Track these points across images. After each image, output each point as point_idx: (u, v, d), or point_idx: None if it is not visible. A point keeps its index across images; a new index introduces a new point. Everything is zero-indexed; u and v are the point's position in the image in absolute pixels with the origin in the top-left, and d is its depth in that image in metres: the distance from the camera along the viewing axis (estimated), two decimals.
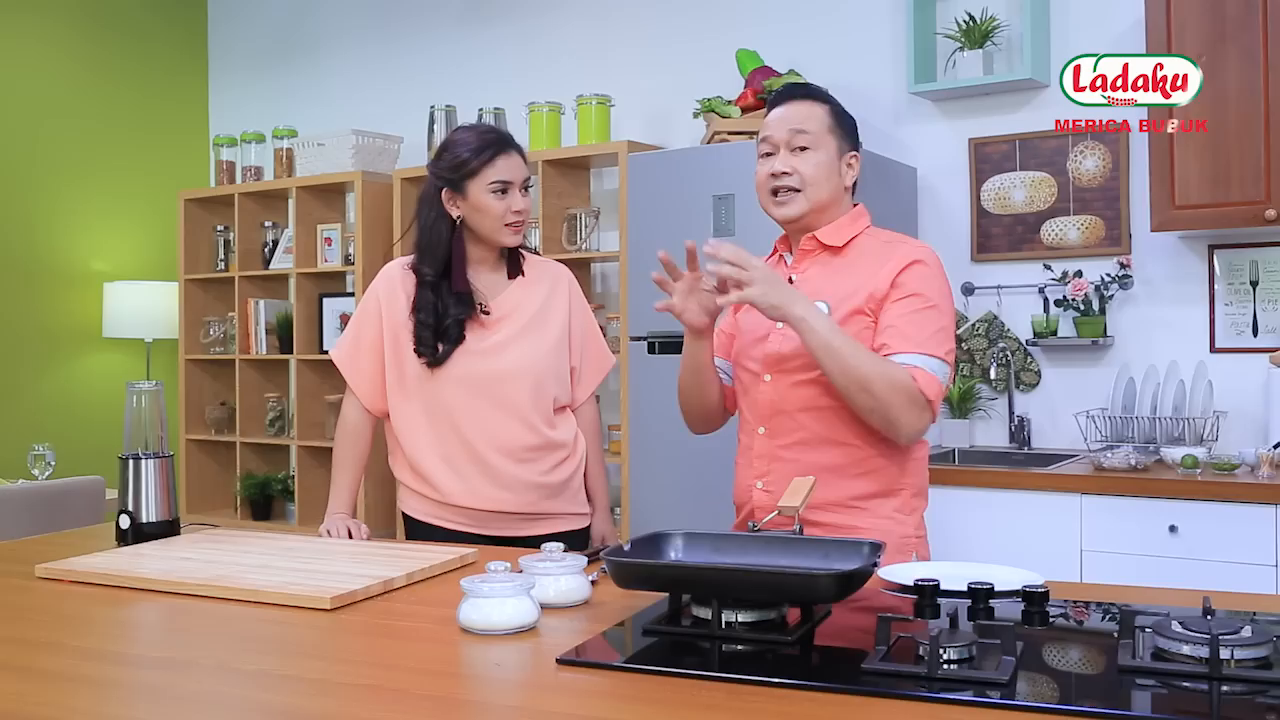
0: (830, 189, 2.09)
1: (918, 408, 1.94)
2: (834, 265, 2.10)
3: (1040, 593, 1.59)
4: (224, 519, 5.10)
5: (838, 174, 2.10)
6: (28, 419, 4.93)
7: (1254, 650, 1.30)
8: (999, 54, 3.90)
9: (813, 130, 2.07)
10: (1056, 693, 1.29)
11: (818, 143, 2.07)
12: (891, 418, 1.93)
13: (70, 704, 1.27)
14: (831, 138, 2.09)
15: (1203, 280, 3.61)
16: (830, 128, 2.09)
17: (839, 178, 2.10)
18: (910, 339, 1.96)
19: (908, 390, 1.92)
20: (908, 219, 4.00)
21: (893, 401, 1.91)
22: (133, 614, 1.72)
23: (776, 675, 1.31)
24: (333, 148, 4.88)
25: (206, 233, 5.34)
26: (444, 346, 2.32)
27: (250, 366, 5.18)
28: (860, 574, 1.45)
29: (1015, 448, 3.82)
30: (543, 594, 1.63)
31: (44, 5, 5.18)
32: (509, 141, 2.36)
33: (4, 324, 4.98)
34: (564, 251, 4.38)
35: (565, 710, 1.26)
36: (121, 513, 2.17)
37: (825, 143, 2.08)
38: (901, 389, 1.92)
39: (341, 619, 1.62)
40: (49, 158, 5.16)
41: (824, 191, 2.08)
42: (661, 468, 3.77)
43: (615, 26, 4.70)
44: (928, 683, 1.26)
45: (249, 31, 5.78)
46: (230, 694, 1.31)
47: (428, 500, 2.36)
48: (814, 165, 2.07)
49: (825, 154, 2.08)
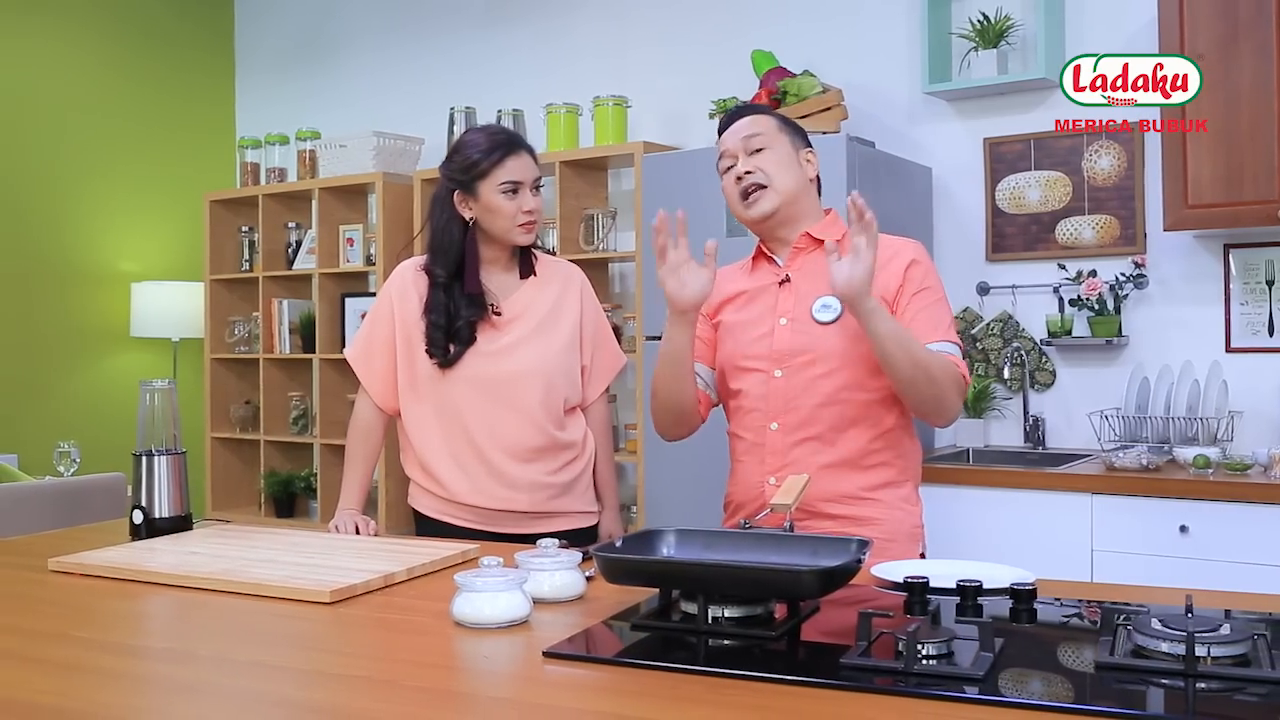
0: (794, 179, 2.17)
1: (960, 391, 2.08)
2: (825, 262, 2.09)
3: (1027, 590, 1.60)
4: (248, 516, 5.17)
5: (798, 165, 2.18)
6: (56, 417, 5.02)
7: (1231, 648, 1.31)
8: (1013, 53, 3.89)
9: (763, 131, 2.18)
10: (1032, 689, 1.30)
11: (771, 142, 2.17)
12: (945, 402, 2.05)
13: (71, 692, 1.31)
14: (783, 135, 2.19)
15: (1218, 279, 3.60)
16: (779, 129, 2.19)
17: (800, 169, 2.19)
18: (939, 327, 2.09)
19: (954, 375, 2.05)
20: (923, 219, 4.01)
21: (947, 386, 2.03)
22: (138, 606, 1.76)
23: (757, 669, 1.33)
24: (354, 149, 4.93)
25: (231, 233, 5.41)
26: (455, 347, 2.35)
27: (274, 365, 5.25)
28: (843, 570, 1.47)
29: (1030, 447, 3.82)
30: (538, 589, 1.66)
31: (74, 9, 5.28)
32: (519, 142, 2.39)
33: (34, 324, 5.07)
34: (581, 251, 4.41)
35: (548, 702, 1.29)
36: (135, 508, 2.22)
37: (778, 141, 2.18)
38: (951, 374, 2.04)
39: (340, 612, 1.66)
40: (78, 160, 5.26)
41: (789, 182, 2.16)
42: (676, 466, 3.79)
43: (633, 27, 4.73)
44: (904, 678, 1.28)
45: (274, 34, 5.86)
46: (224, 683, 1.35)
47: (436, 497, 2.39)
48: (773, 161, 2.16)
49: (781, 150, 2.17)
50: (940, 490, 3.32)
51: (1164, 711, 1.20)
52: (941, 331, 2.09)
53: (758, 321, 2.16)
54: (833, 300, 2.08)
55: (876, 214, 1.94)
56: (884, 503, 2.10)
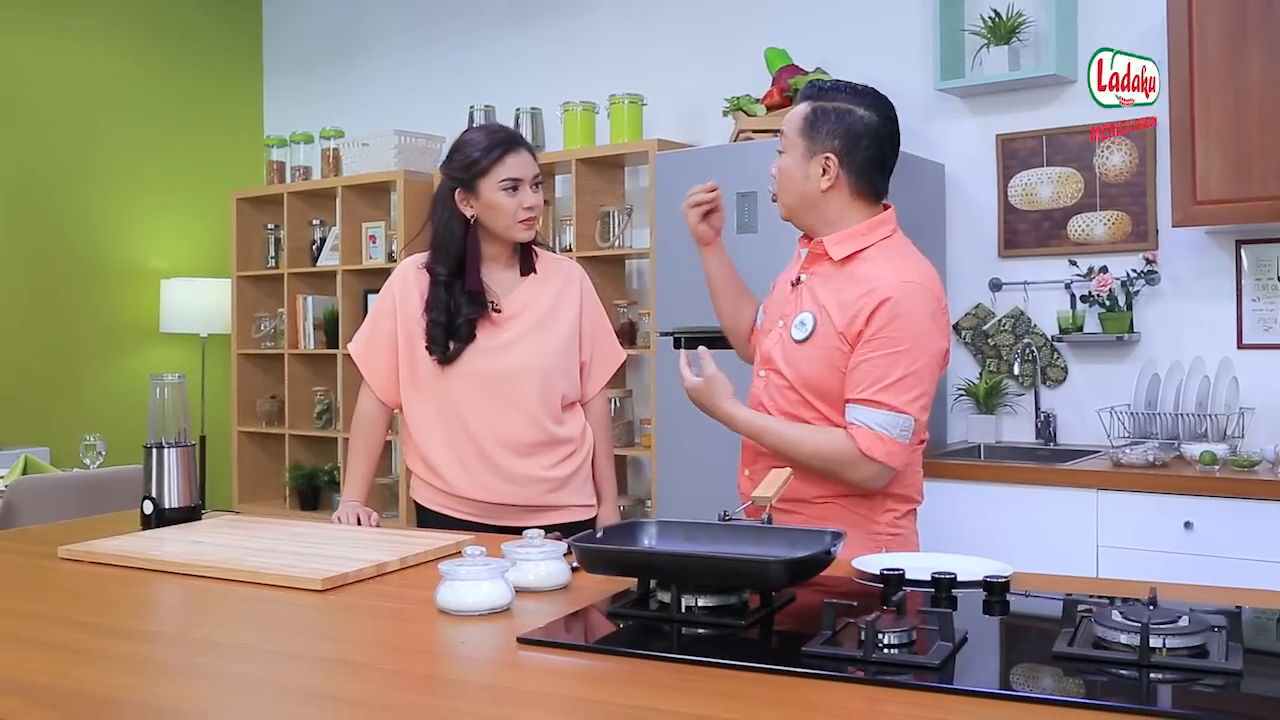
0: (795, 193, 2.10)
1: (862, 465, 2.00)
2: (835, 278, 2.08)
3: (1000, 583, 1.63)
4: (274, 508, 5.27)
5: (803, 178, 2.08)
6: (88, 411, 5.14)
7: (1187, 639, 1.33)
8: (1025, 50, 3.90)
9: (786, 133, 2.11)
10: (984, 677, 1.33)
11: (787, 145, 2.10)
12: (841, 478, 2.04)
13: (63, 671, 1.37)
14: (800, 140, 2.08)
15: (1230, 276, 3.59)
16: (801, 130, 2.08)
17: (805, 182, 2.08)
18: (874, 384, 1.98)
19: (846, 454, 2.00)
20: (935, 216, 4.02)
21: (836, 469, 2.03)
22: (138, 592, 1.82)
23: (724, 657, 1.36)
24: (376, 148, 5.01)
25: (258, 231, 5.51)
26: (455, 345, 2.40)
27: (299, 361, 5.34)
28: (811, 561, 1.51)
29: (1041, 444, 3.82)
30: (523, 578, 1.71)
31: (108, 10, 5.39)
32: (518, 140, 2.43)
33: (67, 320, 5.20)
34: (597, 248, 4.46)
35: (517, 685, 1.33)
36: (145, 498, 2.29)
37: (793, 145, 2.09)
38: (839, 456, 2.01)
39: (330, 599, 1.71)
40: (111, 159, 5.38)
41: (789, 196, 2.11)
42: (690, 461, 3.83)
43: (650, 27, 4.77)
44: (863, 665, 1.31)
45: (302, 34, 5.95)
46: (208, 665, 1.41)
47: (437, 490, 2.45)
48: (782, 170, 2.11)
49: (791, 157, 2.09)
50: (949, 486, 3.34)
51: (1112, 700, 1.22)
52: (873, 390, 1.97)
53: (773, 316, 2.19)
54: (808, 318, 2.07)
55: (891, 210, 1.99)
56: (840, 506, 2.08)
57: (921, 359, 1.99)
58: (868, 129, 2.07)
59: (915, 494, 2.18)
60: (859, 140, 2.06)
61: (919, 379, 1.99)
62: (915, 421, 2.01)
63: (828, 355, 2.03)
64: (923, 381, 2.00)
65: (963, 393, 3.97)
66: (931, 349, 2.02)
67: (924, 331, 2.00)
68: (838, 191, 2.08)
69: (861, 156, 2.07)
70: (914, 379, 1.98)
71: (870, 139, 2.07)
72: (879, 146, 2.09)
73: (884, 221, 2.10)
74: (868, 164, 2.08)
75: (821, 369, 2.04)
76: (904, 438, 2.00)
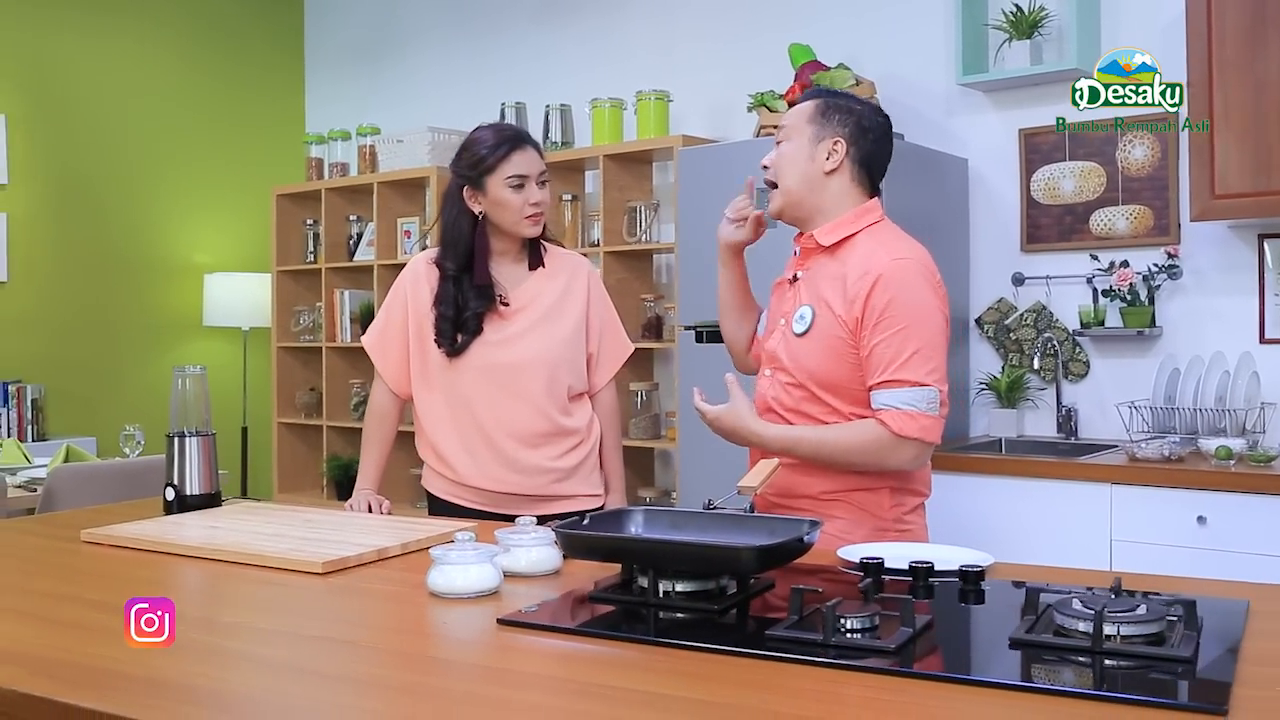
0: (798, 174, 2.11)
1: (901, 447, 2.02)
2: (828, 267, 2.12)
3: (976, 572, 1.66)
4: (312, 498, 5.39)
5: (808, 159, 2.10)
6: (133, 402, 5.28)
7: (1143, 627, 1.36)
8: (1048, 44, 3.89)
9: (791, 123, 2.14)
10: (941, 662, 1.37)
11: (790, 134, 2.13)
12: (884, 467, 2.06)
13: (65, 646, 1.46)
14: (809, 126, 2.11)
15: (1253, 270, 3.57)
16: (810, 118, 2.12)
17: (809, 163, 2.10)
18: (890, 365, 2.00)
19: (882, 441, 2.01)
20: (958, 210, 4.03)
21: (876, 459, 2.04)
22: (151, 574, 1.91)
23: (694, 640, 1.42)
24: (411, 144, 5.10)
25: (297, 226, 5.63)
26: (462, 338, 2.46)
27: (336, 354, 5.45)
28: (782, 549, 1.55)
29: (1062, 438, 3.82)
30: (514, 564, 1.77)
31: (154, 10, 5.54)
32: (524, 137, 2.49)
33: (112, 314, 5.36)
34: (624, 243, 4.52)
35: (493, 664, 1.41)
36: (167, 485, 2.38)
37: (800, 131, 2.12)
38: (876, 445, 2.02)
39: (330, 582, 1.79)
40: (156, 156, 5.53)
41: (790, 178, 2.12)
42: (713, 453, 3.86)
43: (678, 24, 4.82)
44: (824, 649, 1.36)
45: (342, 32, 6.07)
46: (202, 640, 1.49)
47: (447, 480, 2.52)
48: (783, 155, 2.13)
49: (796, 143, 2.12)
50: (968, 479, 3.36)
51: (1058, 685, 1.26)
52: (891, 370, 1.99)
53: (774, 317, 2.23)
54: (807, 311, 2.10)
55: (912, 207, 1.96)
56: (847, 503, 2.10)
57: (928, 331, 2.02)
58: (874, 125, 2.15)
59: (923, 488, 2.20)
60: (867, 133, 2.13)
61: (932, 350, 2.02)
62: (939, 392, 2.04)
63: (830, 345, 2.06)
64: (936, 352, 2.04)
65: (985, 387, 3.98)
66: (937, 320, 2.05)
67: (925, 304, 2.03)
68: (840, 175, 2.12)
69: (867, 148, 2.13)
70: (928, 350, 2.01)
71: (876, 134, 2.15)
72: (881, 144, 2.16)
73: (871, 209, 2.15)
74: (870, 156, 2.14)
75: (825, 360, 2.08)
76: (932, 410, 2.02)
